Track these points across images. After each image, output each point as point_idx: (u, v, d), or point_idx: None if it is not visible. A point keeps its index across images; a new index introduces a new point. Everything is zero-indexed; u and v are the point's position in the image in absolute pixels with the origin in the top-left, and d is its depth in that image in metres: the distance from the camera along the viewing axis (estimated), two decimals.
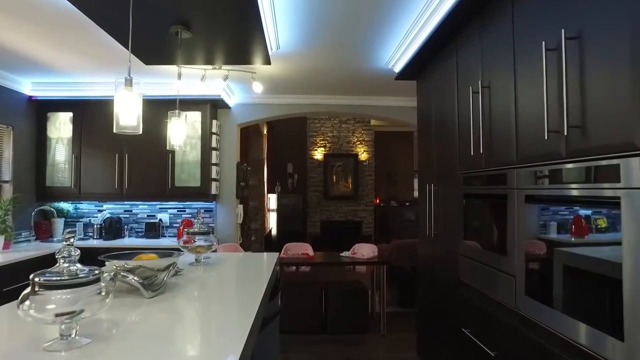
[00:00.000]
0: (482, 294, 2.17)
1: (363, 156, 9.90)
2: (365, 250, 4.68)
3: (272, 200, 9.72)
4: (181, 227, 4.42)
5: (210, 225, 4.96)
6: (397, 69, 3.63)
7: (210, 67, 3.75)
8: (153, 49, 3.11)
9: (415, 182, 12.56)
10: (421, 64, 3.31)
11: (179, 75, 3.68)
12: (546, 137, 1.53)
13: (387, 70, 3.87)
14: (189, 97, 4.53)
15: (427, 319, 3.24)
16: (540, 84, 1.59)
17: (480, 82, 2.17)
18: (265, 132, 9.65)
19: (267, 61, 3.34)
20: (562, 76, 1.44)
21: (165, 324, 1.49)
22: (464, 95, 2.47)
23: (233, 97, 4.95)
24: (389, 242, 9.49)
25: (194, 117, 4.69)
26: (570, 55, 1.42)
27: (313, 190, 9.84)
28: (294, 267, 4.85)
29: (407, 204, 10.19)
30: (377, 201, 10.15)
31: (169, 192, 4.59)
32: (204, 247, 2.66)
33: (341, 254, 4.61)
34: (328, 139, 9.93)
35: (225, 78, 3.80)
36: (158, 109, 4.58)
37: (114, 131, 1.88)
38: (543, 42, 1.54)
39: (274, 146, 9.97)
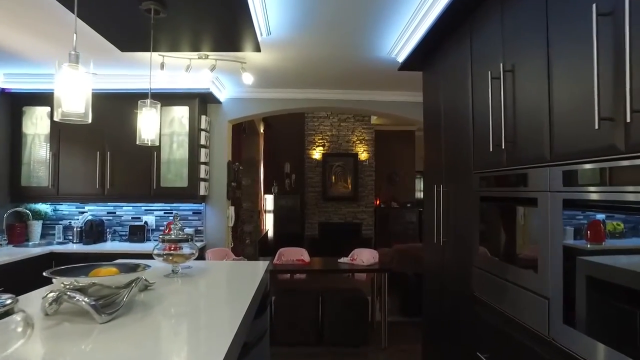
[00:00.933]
0: (503, 314, 1.84)
1: (363, 156, 9.57)
2: (365, 256, 4.36)
3: (268, 201, 9.39)
4: (166, 231, 4.10)
5: (199, 228, 4.64)
6: (401, 58, 3.30)
7: (195, 56, 3.42)
8: (128, 33, 2.78)
9: (417, 182, 12.25)
10: (428, 52, 2.98)
11: (162, 65, 3.36)
12: (596, 127, 1.21)
13: (390, 60, 3.55)
14: (176, 91, 4.20)
15: (435, 336, 2.91)
16: (586, 59, 1.26)
17: (501, 65, 1.84)
18: (262, 131, 9.33)
19: (257, 48, 3.01)
20: (624, 45, 1.11)
21: (117, 359, 1.17)
22: (480, 83, 2.14)
23: (224, 91, 4.63)
24: (390, 246, 9.17)
25: (181, 113, 4.36)
26: (636, 17, 1.09)
27: (311, 191, 9.52)
28: (289, 274, 4.52)
29: (408, 205, 9.87)
30: (378, 202, 9.83)
31: (154, 193, 4.26)
32: (182, 257, 2.33)
33: (339, 260, 4.29)
34: (327, 137, 9.60)
35: (212, 68, 3.47)
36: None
37: (55, 119, 1.54)
38: (594, 5, 1.21)
39: (271, 145, 9.64)
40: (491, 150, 1.93)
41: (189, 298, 1.92)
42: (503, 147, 1.82)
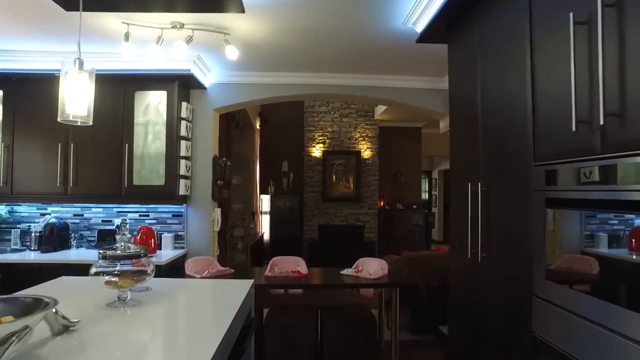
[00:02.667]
0: None
1: (366, 154, 8.95)
2: (371, 267, 3.73)
3: (265, 202, 8.77)
4: (137, 237, 3.47)
5: (180, 233, 4.01)
6: (420, 26, 2.67)
7: (168, 24, 2.79)
8: None
9: (423, 183, 11.63)
10: (458, 15, 2.35)
11: (127, 36, 2.74)
12: None
13: (405, 31, 2.93)
14: (150, 72, 3.58)
15: None
16: None
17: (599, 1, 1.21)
18: (257, 127, 8.71)
19: (240, 7, 2.39)
20: None
21: None
22: (547, 40, 1.51)
23: (209, 75, 4.00)
24: (395, 251, 8.54)
25: (158, 98, 3.73)
26: None
27: (310, 191, 8.89)
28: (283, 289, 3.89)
29: (414, 206, 9.25)
30: (382, 204, 9.20)
31: (125, 193, 3.63)
32: (129, 280, 1.70)
33: (342, 272, 3.66)
34: (327, 134, 8.98)
35: (189, 40, 2.85)
36: (114, 88, 3.63)
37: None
38: None
39: (268, 142, 9.02)
40: (574, 129, 1.30)
41: (125, 347, 1.30)
42: (601, 122, 1.18)
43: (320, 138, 8.96)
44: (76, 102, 1.72)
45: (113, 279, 1.67)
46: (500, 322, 1.86)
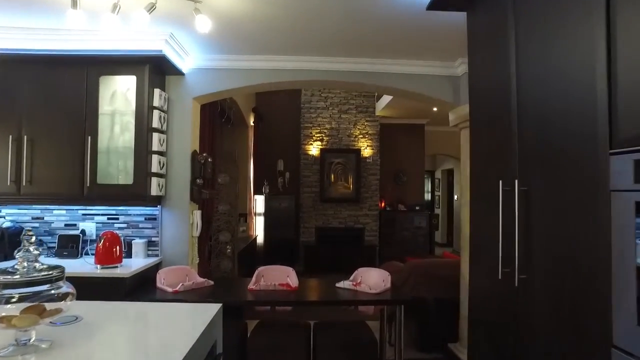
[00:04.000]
0: None
1: (366, 152, 8.46)
2: (372, 279, 3.23)
3: (259, 203, 8.27)
4: (100, 245, 2.97)
5: (154, 239, 3.51)
6: None
7: None
8: None
9: (426, 183, 11.13)
10: None
11: (74, 2, 2.25)
12: None
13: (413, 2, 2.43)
14: (116, 54, 3.09)
15: None
16: None
17: None
18: (251, 123, 8.21)
19: None
20: None
21: None
22: None
23: (187, 58, 3.50)
24: (397, 256, 8.04)
25: (127, 84, 3.23)
26: None
27: (307, 191, 8.40)
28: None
29: (416, 208, 8.77)
30: (382, 205, 8.71)
31: (87, 193, 3.13)
32: (26, 320, 1.20)
33: (338, 285, 3.16)
34: (325, 131, 8.49)
35: (151, 9, 2.35)
36: (74, 72, 3.14)
37: None
38: None
39: (262, 139, 8.52)
40: None
41: None
42: None
43: (318, 135, 8.48)
44: None
45: (5, 315, 1.17)
46: None
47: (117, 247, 3.01)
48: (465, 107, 3.61)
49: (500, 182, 1.58)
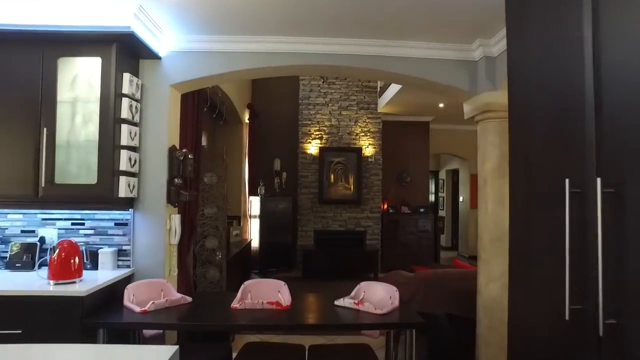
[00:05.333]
0: None
1: (368, 151, 8.00)
2: (376, 295, 2.77)
3: (254, 205, 7.81)
4: (54, 257, 2.51)
5: (125, 247, 3.04)
6: None
7: None
8: None
9: (430, 184, 10.65)
10: None
11: None
12: None
13: None
14: (77, 31, 2.62)
15: None
16: None
17: None
18: (246, 120, 7.76)
19: None
20: None
21: None
22: None
23: (162, 38, 3.04)
24: (404, 263, 7.55)
25: (90, 68, 2.77)
26: None
27: (305, 192, 7.94)
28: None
29: (421, 210, 8.30)
30: (385, 207, 8.24)
31: (43, 195, 2.66)
32: None
33: (337, 303, 2.69)
34: (325, 129, 8.03)
35: None
36: (28, 52, 2.68)
37: None
38: None
39: (258, 137, 8.06)
40: None
41: None
42: None
43: (317, 133, 8.02)
44: None
45: None
46: None
47: (76, 258, 2.54)
48: (483, 97, 3.15)
49: (567, 181, 1.11)
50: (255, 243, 7.53)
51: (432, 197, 11.42)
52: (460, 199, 10.31)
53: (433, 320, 3.39)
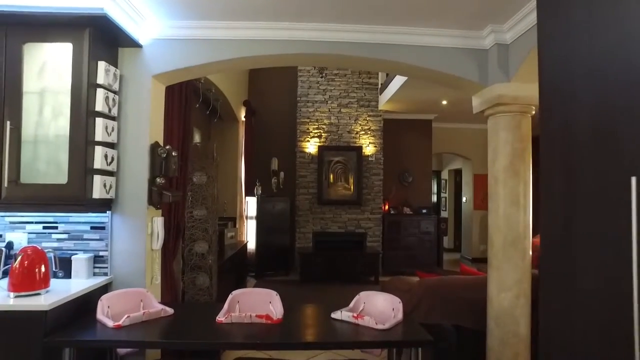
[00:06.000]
0: None
1: (369, 150, 7.73)
2: (378, 307, 2.50)
3: (250, 206, 7.54)
4: (15, 266, 2.24)
5: (102, 253, 2.77)
6: None
7: None
8: None
9: (433, 185, 10.37)
10: None
11: None
12: None
13: None
14: (45, 13, 2.35)
15: None
16: None
17: None
18: (242, 118, 7.51)
19: None
20: None
21: None
22: None
23: (143, 24, 2.77)
24: (405, 266, 7.28)
25: (61, 55, 2.49)
26: None
27: (304, 192, 7.67)
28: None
29: (423, 211, 8.02)
30: (386, 208, 7.97)
31: (7, 195, 2.39)
32: None
33: (334, 316, 2.42)
34: (324, 127, 7.76)
35: None
36: None
37: None
38: None
39: (255, 136, 7.80)
40: None
41: None
42: None
43: (316, 131, 7.75)
44: None
45: None
46: None
47: (42, 266, 2.27)
48: (495, 88, 2.88)
49: (634, 180, 0.84)
50: (251, 245, 7.26)
51: (433, 198, 11.14)
52: (463, 199, 10.04)
53: (439, 333, 3.11)
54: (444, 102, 7.03)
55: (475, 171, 9.18)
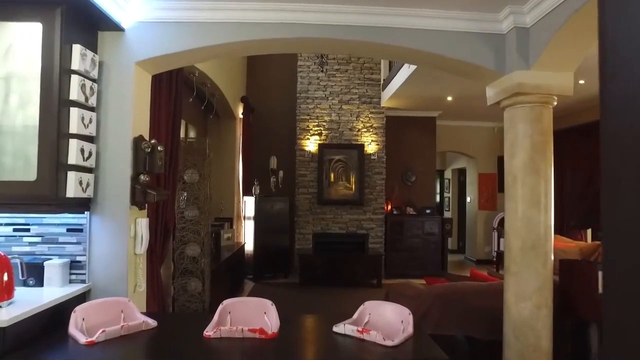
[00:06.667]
0: None
1: (370, 148, 7.47)
2: (384, 318, 2.23)
3: (248, 205, 7.28)
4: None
5: (79, 259, 2.51)
6: None
7: None
8: None
9: (436, 184, 10.10)
10: None
11: None
12: None
13: None
14: None
15: None
16: None
17: None
18: (240, 115, 7.25)
19: None
20: None
21: None
22: None
23: (125, 4, 2.50)
24: (409, 268, 7.01)
25: (29, 36, 2.23)
26: None
27: (303, 192, 7.41)
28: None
29: (427, 211, 7.75)
30: (389, 208, 7.71)
31: None
32: None
33: (336, 329, 2.16)
34: (324, 124, 7.50)
35: None
36: None
37: None
38: None
39: (253, 134, 7.54)
40: None
41: None
42: None
43: (316, 129, 7.49)
44: None
45: None
46: None
47: (4, 274, 2.01)
48: (513, 76, 2.60)
49: None
50: (249, 247, 7.00)
51: (436, 198, 10.87)
52: (468, 199, 9.77)
53: (451, 345, 2.85)
54: (449, 99, 6.77)
55: (480, 170, 8.92)
